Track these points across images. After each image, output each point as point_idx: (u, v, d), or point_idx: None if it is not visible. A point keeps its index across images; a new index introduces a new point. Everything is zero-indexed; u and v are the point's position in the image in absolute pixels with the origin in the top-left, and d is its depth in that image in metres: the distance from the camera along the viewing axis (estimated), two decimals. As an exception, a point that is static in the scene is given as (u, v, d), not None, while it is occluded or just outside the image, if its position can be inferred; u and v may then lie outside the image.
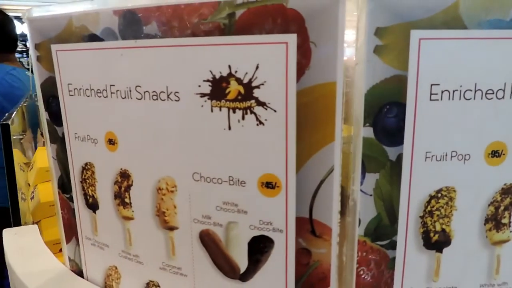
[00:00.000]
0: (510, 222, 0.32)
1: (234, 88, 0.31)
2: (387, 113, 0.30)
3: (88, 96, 0.38)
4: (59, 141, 0.43)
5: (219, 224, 0.34)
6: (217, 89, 0.31)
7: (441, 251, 0.32)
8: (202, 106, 0.32)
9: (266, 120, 0.31)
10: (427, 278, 0.33)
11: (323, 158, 0.30)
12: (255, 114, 0.31)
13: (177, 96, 0.33)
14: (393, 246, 0.32)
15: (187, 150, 0.34)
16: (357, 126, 0.30)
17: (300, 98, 0.29)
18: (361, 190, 0.31)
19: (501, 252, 0.33)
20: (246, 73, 0.30)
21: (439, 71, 0.29)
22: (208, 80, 0.32)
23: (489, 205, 0.32)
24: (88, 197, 0.42)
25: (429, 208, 0.31)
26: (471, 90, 0.30)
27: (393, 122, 0.30)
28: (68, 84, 0.40)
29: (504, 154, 0.31)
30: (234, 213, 0.33)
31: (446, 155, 0.31)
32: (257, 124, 0.31)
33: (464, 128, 0.30)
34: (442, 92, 0.29)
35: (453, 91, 0.30)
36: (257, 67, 0.30)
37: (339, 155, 0.30)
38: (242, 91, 0.31)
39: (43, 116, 0.43)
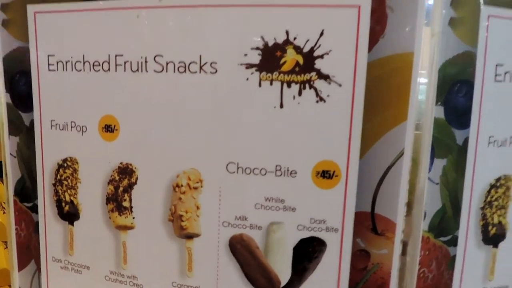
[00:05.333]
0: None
1: (291, 57, 0.26)
2: (457, 92, 0.27)
3: (78, 71, 0.30)
4: (23, 132, 0.33)
5: (257, 226, 0.28)
6: (269, 58, 0.26)
7: (497, 246, 0.30)
8: (247, 79, 0.27)
9: (328, 96, 0.26)
10: (484, 278, 0.30)
11: (392, 141, 0.27)
12: (315, 89, 0.26)
13: (213, 68, 0.27)
14: (454, 242, 0.29)
15: (221, 134, 0.28)
16: (429, 105, 0.27)
17: (371, 70, 0.26)
18: (429, 179, 0.28)
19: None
20: (308, 40, 0.26)
21: (504, 51, 0.28)
22: (258, 48, 0.26)
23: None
24: (64, 204, 0.32)
25: (489, 199, 0.29)
26: (525, 75, 0.29)
27: (463, 102, 0.28)
28: (49, 55, 0.31)
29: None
30: (279, 211, 0.28)
31: (506, 140, 0.29)
32: (317, 101, 0.26)
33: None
34: (505, 73, 0.28)
35: (513, 74, 0.28)
36: (321, 34, 0.26)
37: (411, 136, 0.26)
38: (301, 61, 0.26)
39: (2, 99, 0.33)
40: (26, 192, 0.34)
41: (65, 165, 0.32)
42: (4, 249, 0.70)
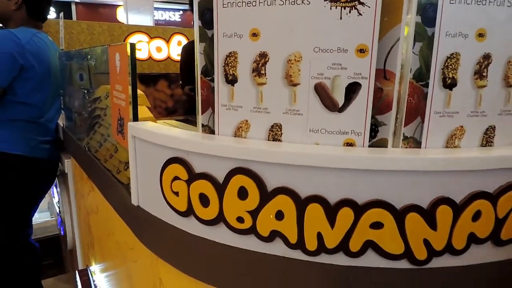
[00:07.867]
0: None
1: (345, -6, 0.56)
2: (428, 9, 0.56)
3: (239, 7, 0.62)
4: (207, 40, 0.66)
5: (328, 77, 0.59)
6: (335, -5, 0.56)
7: (451, 90, 0.59)
8: (324, 6, 0.57)
9: (363, 12, 0.56)
10: (444, 106, 0.60)
11: (393, 33, 0.56)
12: (357, 9, 0.56)
13: (308, 1, 0.58)
14: (427, 85, 0.59)
15: (311, 33, 0.58)
16: (412, 15, 0.56)
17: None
18: (413, 52, 0.57)
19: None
20: (354, -15, 0.55)
21: (454, -14, 0.56)
22: (329, -10, 0.56)
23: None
24: (229, 76, 0.65)
25: (446, 63, 0.58)
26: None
27: (431, 14, 0.56)
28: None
29: (484, 36, 0.58)
30: (339, 70, 0.59)
31: (456, 34, 0.57)
32: (358, 15, 0.56)
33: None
34: (455, -2, 0.56)
35: (460, -1, 0.56)
36: (360, -18, 0.55)
37: (404, 31, 0.56)
38: (350, -4, 0.56)
39: (196, 23, 0.66)
40: (207, 72, 0.67)
41: (230, 55, 0.64)
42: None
